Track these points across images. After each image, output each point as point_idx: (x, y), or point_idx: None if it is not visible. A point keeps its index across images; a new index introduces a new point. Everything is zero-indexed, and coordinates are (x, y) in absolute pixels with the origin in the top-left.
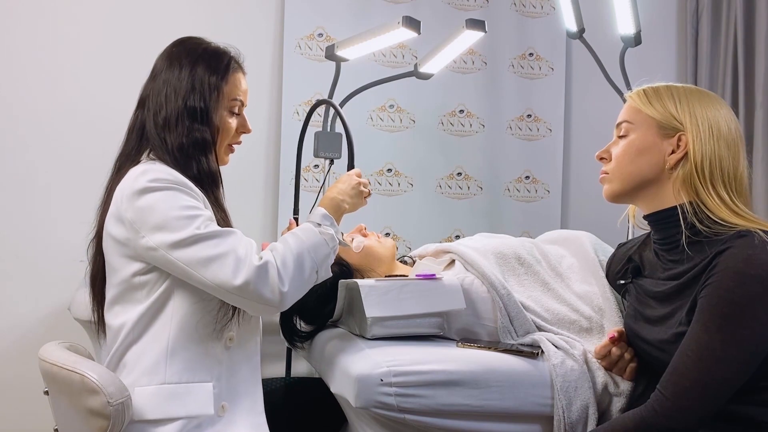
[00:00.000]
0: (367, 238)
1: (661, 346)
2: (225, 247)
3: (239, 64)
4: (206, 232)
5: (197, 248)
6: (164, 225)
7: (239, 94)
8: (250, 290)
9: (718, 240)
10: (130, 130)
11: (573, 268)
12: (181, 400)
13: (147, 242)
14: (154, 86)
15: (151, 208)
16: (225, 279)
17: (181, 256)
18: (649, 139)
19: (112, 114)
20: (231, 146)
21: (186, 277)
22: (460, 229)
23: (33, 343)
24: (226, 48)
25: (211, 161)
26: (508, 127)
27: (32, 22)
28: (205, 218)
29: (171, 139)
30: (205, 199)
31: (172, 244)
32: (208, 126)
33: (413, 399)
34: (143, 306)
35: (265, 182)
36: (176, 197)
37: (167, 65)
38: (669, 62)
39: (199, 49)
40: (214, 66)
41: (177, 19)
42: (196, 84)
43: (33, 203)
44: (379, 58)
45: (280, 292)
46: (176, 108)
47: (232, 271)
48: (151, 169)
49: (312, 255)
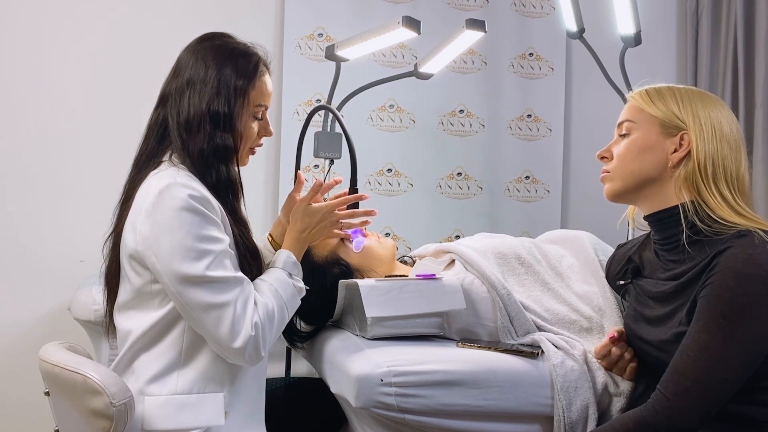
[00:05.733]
0: (367, 239)
1: (661, 346)
2: (227, 298)
3: (267, 66)
4: (214, 276)
5: (201, 291)
6: (176, 252)
7: (265, 100)
8: (240, 354)
9: (719, 240)
10: (151, 129)
11: (573, 268)
12: (192, 411)
13: (154, 262)
14: (177, 84)
15: (167, 228)
16: (222, 336)
17: (182, 291)
18: (651, 137)
19: (112, 114)
20: (252, 149)
21: (181, 310)
22: (460, 229)
23: (33, 343)
24: (255, 48)
25: (231, 169)
26: (508, 127)
27: (33, 22)
28: (217, 254)
29: (192, 144)
30: (223, 213)
31: (178, 276)
32: (231, 133)
33: (413, 399)
34: (157, 315)
35: (265, 182)
36: (195, 223)
37: (192, 62)
38: (669, 62)
39: (227, 48)
40: (242, 69)
41: (177, 19)
42: (222, 88)
43: (33, 203)
44: (379, 58)
45: (259, 357)
46: (199, 112)
47: (229, 330)
48: (176, 183)
49: (288, 310)
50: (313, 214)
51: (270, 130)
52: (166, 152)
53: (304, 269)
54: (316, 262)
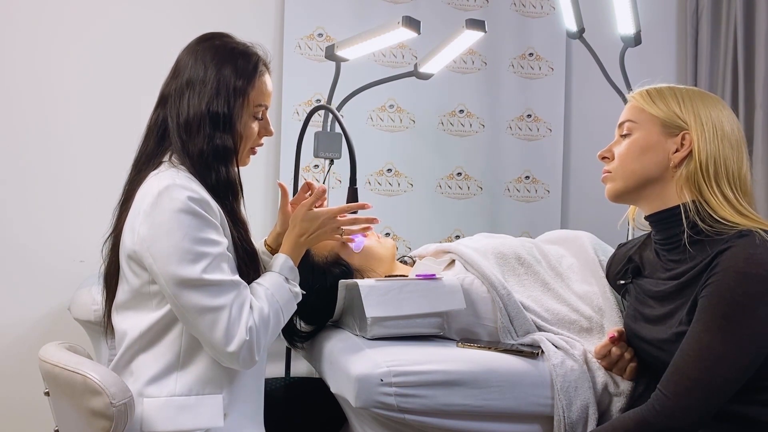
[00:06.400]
0: (367, 239)
1: (662, 345)
2: (222, 301)
3: (266, 65)
4: (210, 279)
5: (196, 294)
6: (173, 254)
7: (265, 100)
8: (236, 359)
9: (719, 239)
10: (150, 129)
11: (573, 268)
12: (191, 413)
13: (151, 265)
14: (176, 85)
15: (165, 230)
16: (216, 340)
17: (177, 293)
18: (653, 137)
19: (113, 114)
20: (253, 149)
21: (177, 313)
22: (460, 229)
23: (33, 343)
24: (255, 48)
25: (230, 170)
26: (508, 127)
27: (32, 22)
28: (215, 257)
29: (191, 145)
30: (222, 216)
31: (174, 279)
32: (231, 134)
33: (413, 399)
34: (155, 316)
35: (265, 182)
36: (193, 225)
37: (192, 63)
38: (669, 62)
39: (227, 48)
40: (241, 69)
41: (177, 19)
42: (221, 89)
43: (33, 203)
44: (379, 58)
45: (252, 361)
46: (198, 113)
47: (224, 335)
48: (175, 185)
49: (284, 314)
50: (313, 219)
51: (270, 130)
52: (166, 153)
53: (304, 269)
54: (316, 262)
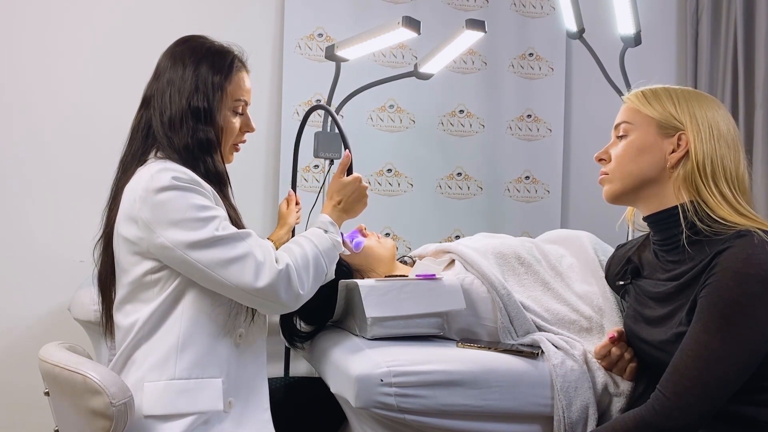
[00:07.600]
0: (367, 239)
1: (661, 346)
2: (244, 248)
3: (243, 63)
4: (225, 234)
5: (216, 250)
6: (182, 224)
7: (243, 94)
8: (272, 293)
9: (718, 240)
10: (135, 130)
11: (573, 267)
12: (191, 396)
13: (162, 241)
14: (158, 86)
15: (169, 206)
16: (247, 281)
17: (199, 257)
18: (649, 138)
19: (111, 114)
20: (236, 145)
21: (202, 278)
22: (460, 229)
23: (33, 343)
24: (230, 47)
25: (216, 161)
26: (508, 127)
27: (31, 22)
28: (222, 219)
29: (177, 140)
30: (217, 197)
31: (190, 245)
32: (212, 126)
33: (413, 399)
34: (154, 303)
35: (264, 182)
36: (193, 197)
37: (171, 64)
38: (669, 62)
39: (203, 48)
40: (217, 65)
41: (177, 19)
42: (200, 84)
43: (33, 203)
44: (379, 58)
45: (297, 294)
46: (180, 108)
47: (254, 273)
48: (168, 167)
49: (325, 259)
50: (346, 186)
51: (252, 126)
52: (151, 151)
53: None
54: None
